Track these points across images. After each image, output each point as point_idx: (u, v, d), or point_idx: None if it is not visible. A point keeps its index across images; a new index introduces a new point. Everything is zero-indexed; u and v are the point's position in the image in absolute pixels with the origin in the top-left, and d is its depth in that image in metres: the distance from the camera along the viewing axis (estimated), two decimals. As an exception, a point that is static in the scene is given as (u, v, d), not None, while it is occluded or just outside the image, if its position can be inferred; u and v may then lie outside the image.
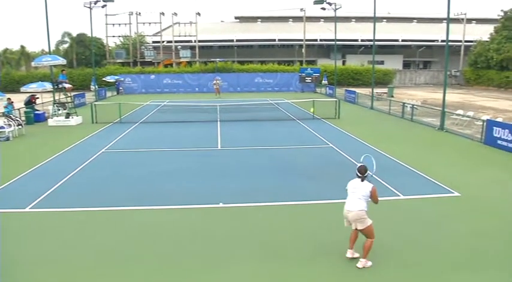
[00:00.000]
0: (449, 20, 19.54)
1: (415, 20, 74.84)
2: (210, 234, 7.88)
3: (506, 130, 14.72)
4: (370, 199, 6.50)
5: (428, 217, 8.65)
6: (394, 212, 8.93)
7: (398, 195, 9.93)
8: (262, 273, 6.46)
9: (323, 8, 39.96)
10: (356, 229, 6.54)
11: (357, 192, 6.47)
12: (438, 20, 66.28)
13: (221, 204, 9.44)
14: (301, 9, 55.41)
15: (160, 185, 10.98)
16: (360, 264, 6.53)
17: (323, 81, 44.71)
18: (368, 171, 6.56)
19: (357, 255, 6.75)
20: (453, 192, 10.12)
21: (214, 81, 39.64)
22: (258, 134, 18.63)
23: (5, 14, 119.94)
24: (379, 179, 11.14)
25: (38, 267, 6.65)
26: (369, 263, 6.54)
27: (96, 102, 26.86)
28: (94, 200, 9.84)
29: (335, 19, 38.12)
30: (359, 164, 6.65)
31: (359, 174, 6.52)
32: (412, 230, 7.98)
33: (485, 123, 16.13)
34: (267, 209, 9.19)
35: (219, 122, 21.89)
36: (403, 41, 62.91)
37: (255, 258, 6.92)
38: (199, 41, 56.94)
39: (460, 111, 21.94)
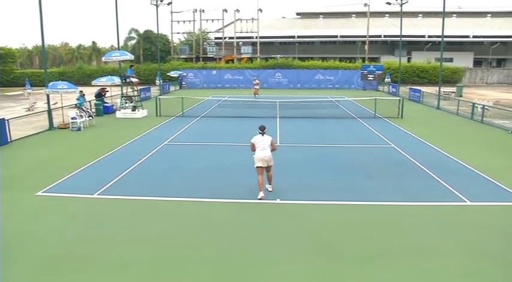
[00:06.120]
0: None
1: (489, 14, 70.20)
2: (266, 230, 7.94)
3: None
4: (270, 147, 9.62)
5: (498, 226, 8.12)
6: (459, 219, 8.48)
7: (465, 201, 9.41)
8: (317, 273, 6.41)
9: (388, 3, 38.71)
10: (267, 167, 9.69)
11: (265, 143, 9.62)
12: (515, 14, 61.91)
13: (278, 200, 9.48)
14: (365, 4, 53.93)
15: (217, 179, 11.23)
16: (270, 188, 10.00)
17: (386, 79, 43.30)
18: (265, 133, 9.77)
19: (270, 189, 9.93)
20: (527, 201, 9.43)
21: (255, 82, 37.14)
22: (317, 132, 18.45)
23: (79, 13, 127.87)
24: (443, 182, 10.67)
25: (101, 247, 7.13)
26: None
27: (160, 96, 27.92)
28: (155, 190, 10.27)
29: (401, 14, 36.72)
30: (260, 125, 9.93)
31: (260, 131, 9.71)
32: (477, 239, 7.54)
33: None
34: (324, 207, 9.12)
35: (278, 118, 21.92)
36: (474, 37, 59.19)
37: (310, 257, 6.88)
38: (261, 37, 57.31)
39: (538, 113, 20.37)
